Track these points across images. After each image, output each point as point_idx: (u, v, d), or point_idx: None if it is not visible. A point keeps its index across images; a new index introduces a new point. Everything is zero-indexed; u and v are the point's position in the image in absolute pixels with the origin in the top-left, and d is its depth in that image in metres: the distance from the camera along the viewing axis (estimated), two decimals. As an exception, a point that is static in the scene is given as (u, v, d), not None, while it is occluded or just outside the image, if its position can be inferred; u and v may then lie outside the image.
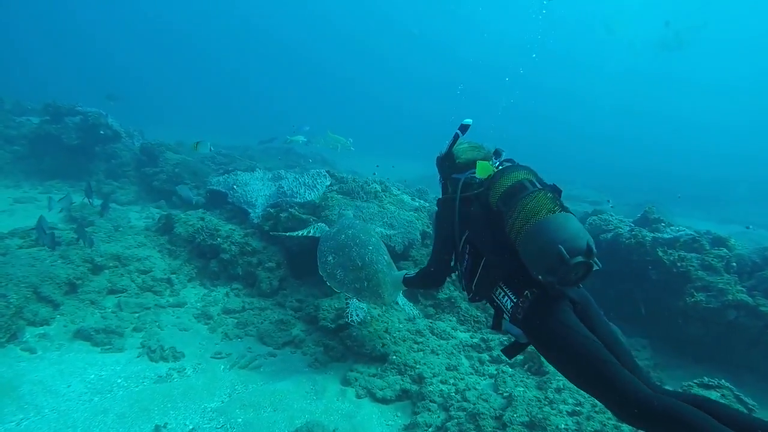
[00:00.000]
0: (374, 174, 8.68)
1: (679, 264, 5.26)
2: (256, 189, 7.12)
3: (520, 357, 4.75)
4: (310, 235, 5.38)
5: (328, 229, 5.37)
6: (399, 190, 7.71)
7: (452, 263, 2.66)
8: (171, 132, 23.68)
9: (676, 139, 45.26)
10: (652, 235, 5.85)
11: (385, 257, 4.82)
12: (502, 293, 2.17)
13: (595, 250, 1.89)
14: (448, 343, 4.93)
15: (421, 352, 4.71)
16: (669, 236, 5.75)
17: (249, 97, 58.52)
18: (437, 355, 4.71)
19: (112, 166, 10.80)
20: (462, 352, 4.92)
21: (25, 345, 4.15)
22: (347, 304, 4.74)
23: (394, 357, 4.50)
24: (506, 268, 2.17)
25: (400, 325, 5.04)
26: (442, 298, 5.53)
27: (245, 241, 6.14)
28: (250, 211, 6.67)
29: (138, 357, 4.41)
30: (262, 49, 68.01)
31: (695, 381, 4.18)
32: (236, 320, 5.36)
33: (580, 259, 1.84)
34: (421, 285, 3.10)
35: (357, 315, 4.62)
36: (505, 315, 2.20)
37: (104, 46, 60.72)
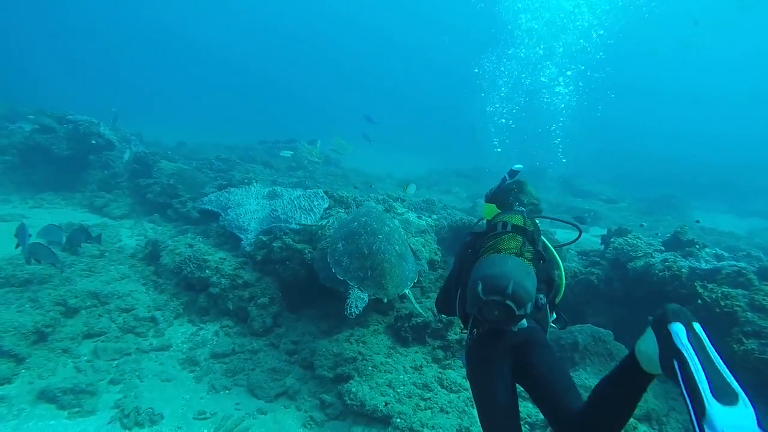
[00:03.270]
0: (371, 186, 8.26)
1: (722, 303, 4.62)
2: (250, 210, 6.56)
3: (541, 417, 4.22)
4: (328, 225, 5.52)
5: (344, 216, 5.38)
6: (404, 206, 7.11)
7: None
8: (173, 131, 23.30)
9: (690, 124, 43.84)
10: (689, 264, 5.20)
11: (397, 248, 4.67)
12: (471, 325, 2.28)
13: (513, 293, 1.85)
14: (459, 398, 4.37)
15: (429, 411, 4.16)
16: (708, 267, 5.09)
17: (252, 94, 57.98)
18: (447, 414, 4.15)
19: (105, 176, 10.33)
20: (474, 406, 4.36)
21: (-23, 416, 3.68)
22: (349, 294, 4.44)
23: (399, 420, 3.96)
24: None
25: (406, 377, 4.49)
26: (452, 339, 4.96)
27: (236, 273, 5.61)
28: (242, 237, 6.13)
29: (109, 423, 3.91)
30: (263, 46, 66.96)
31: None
32: (225, 366, 4.85)
33: (494, 297, 1.88)
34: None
35: (357, 307, 4.34)
36: None
37: (104, 46, 60.43)
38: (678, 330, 1.46)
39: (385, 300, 4.61)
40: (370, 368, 4.51)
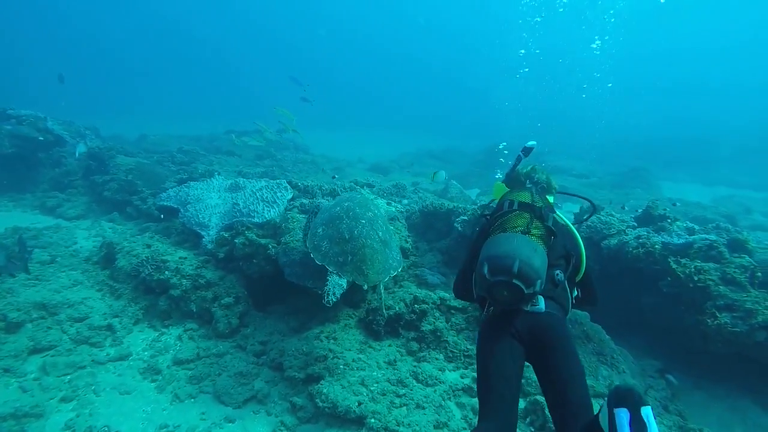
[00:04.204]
0: (334, 177, 8.08)
1: (696, 278, 4.58)
2: (211, 205, 6.20)
3: (521, 405, 4.11)
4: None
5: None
6: (373, 192, 6.86)
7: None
8: (134, 123, 22.31)
9: (658, 101, 44.58)
10: (662, 240, 5.15)
11: (380, 233, 4.45)
12: (486, 304, 2.22)
13: (519, 272, 1.84)
14: (435, 392, 4.22)
15: (404, 408, 4.00)
16: (681, 241, 5.05)
17: (221, 82, 55.94)
18: (423, 409, 4.00)
19: (57, 175, 9.71)
20: (452, 399, 4.23)
21: None
22: (327, 281, 4.21)
23: (373, 420, 3.78)
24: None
25: (379, 373, 4.31)
26: (427, 330, 4.79)
27: (197, 273, 5.29)
28: (203, 234, 5.79)
29: (59, 448, 3.62)
30: (233, 32, 64.53)
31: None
32: (190, 373, 4.58)
33: (501, 278, 1.87)
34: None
35: (334, 294, 4.13)
36: None
37: (63, 34, 57.30)
38: (622, 415, 1.45)
39: (365, 287, 4.42)
40: (341, 366, 4.31)
